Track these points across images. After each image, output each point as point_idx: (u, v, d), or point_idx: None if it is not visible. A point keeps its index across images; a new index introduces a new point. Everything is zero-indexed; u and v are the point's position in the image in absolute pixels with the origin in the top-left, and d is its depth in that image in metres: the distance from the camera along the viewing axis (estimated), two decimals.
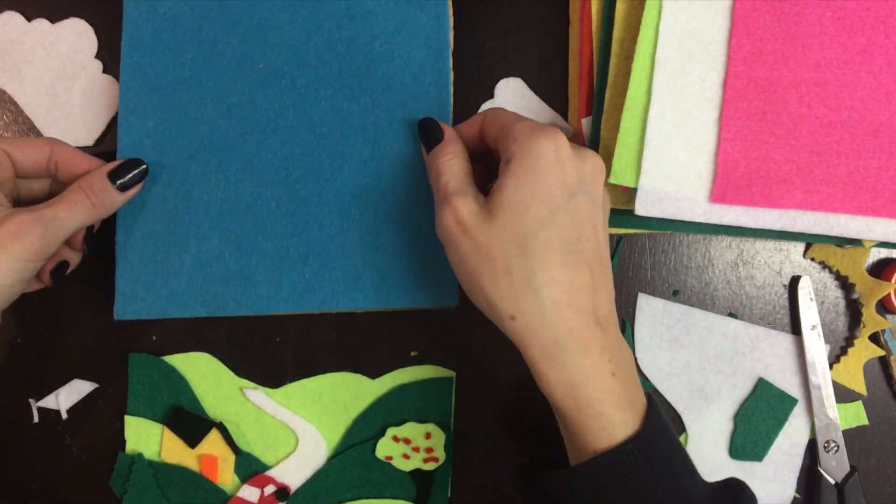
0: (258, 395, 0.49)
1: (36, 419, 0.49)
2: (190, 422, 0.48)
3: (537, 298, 0.37)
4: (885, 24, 0.43)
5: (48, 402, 0.49)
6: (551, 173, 0.38)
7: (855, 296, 0.49)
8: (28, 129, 0.48)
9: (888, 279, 0.47)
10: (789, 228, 0.44)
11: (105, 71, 0.48)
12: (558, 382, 0.37)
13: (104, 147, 0.48)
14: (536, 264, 0.37)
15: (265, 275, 0.46)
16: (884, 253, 0.49)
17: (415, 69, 0.47)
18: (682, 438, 0.49)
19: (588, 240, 0.38)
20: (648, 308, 0.49)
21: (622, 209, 0.45)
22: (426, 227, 0.46)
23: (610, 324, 0.39)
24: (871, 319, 0.48)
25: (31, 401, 0.49)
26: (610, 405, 0.37)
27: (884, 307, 0.49)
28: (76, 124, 0.48)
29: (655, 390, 0.49)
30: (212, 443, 0.49)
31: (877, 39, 0.43)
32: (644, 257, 0.49)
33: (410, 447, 0.49)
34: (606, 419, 0.37)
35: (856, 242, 0.46)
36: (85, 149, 0.48)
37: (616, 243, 0.49)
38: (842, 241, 0.46)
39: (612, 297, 0.40)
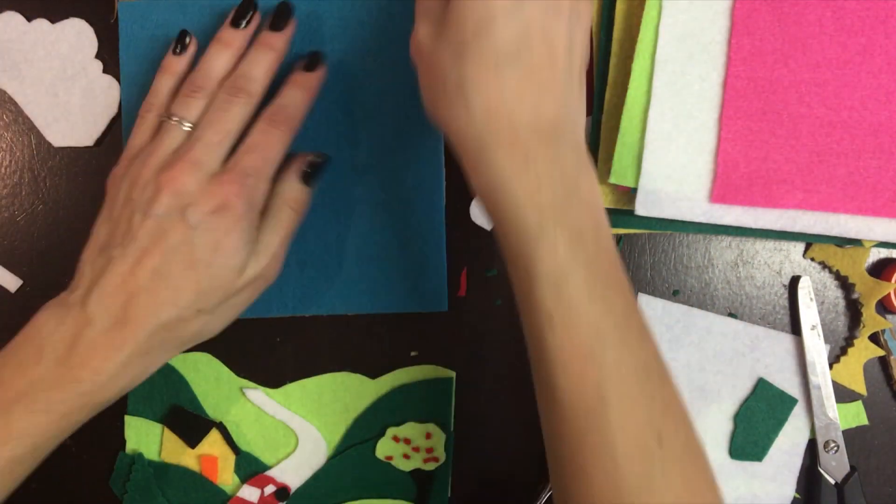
0: (258, 395, 0.49)
1: None
2: (190, 422, 0.48)
3: (467, 108, 0.35)
4: (885, 24, 0.43)
5: None
6: None
7: (855, 296, 0.49)
8: (28, 129, 0.48)
9: (888, 279, 0.47)
10: (789, 228, 0.44)
11: (105, 71, 0.48)
12: (480, 186, 0.36)
13: (104, 147, 0.48)
14: (467, 72, 0.35)
15: None
16: (884, 253, 0.49)
17: (410, 84, 0.47)
18: None
19: (536, 47, 0.35)
20: (648, 308, 0.49)
21: (622, 209, 0.45)
22: (416, 238, 0.47)
23: (554, 133, 0.36)
24: (871, 319, 0.48)
25: None
26: (532, 216, 0.34)
27: (884, 307, 0.49)
28: (76, 124, 0.48)
29: None
30: (212, 443, 0.49)
31: (877, 39, 0.43)
32: (644, 257, 0.49)
33: (410, 447, 0.49)
34: (525, 230, 0.34)
35: (856, 242, 0.46)
36: (85, 149, 0.48)
37: (616, 243, 0.49)
38: (842, 241, 0.46)
39: (563, 104, 0.36)
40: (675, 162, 0.44)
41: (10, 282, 0.48)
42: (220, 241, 0.39)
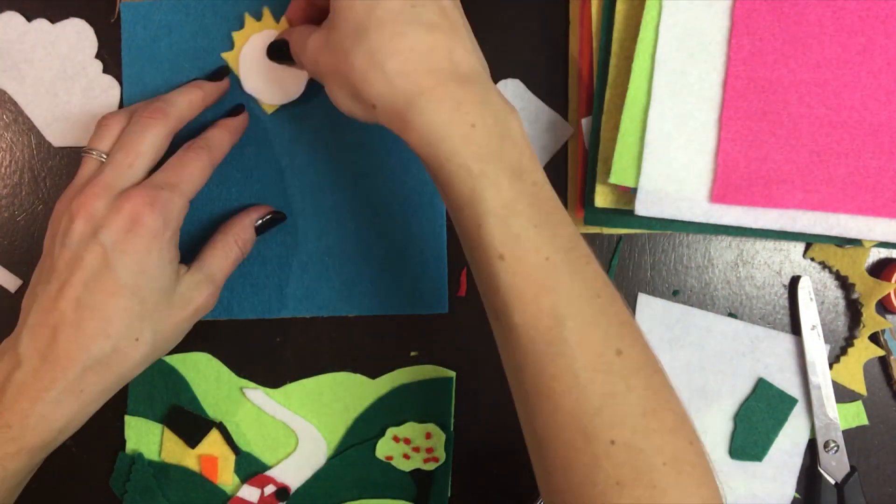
0: (258, 395, 0.49)
1: None
2: (190, 422, 0.48)
3: (384, 76, 0.35)
4: (885, 24, 0.43)
5: None
6: None
7: (855, 296, 0.49)
8: (28, 129, 0.48)
9: (888, 279, 0.47)
10: (789, 228, 0.44)
11: (105, 71, 0.48)
12: (419, 145, 0.35)
13: None
14: (373, 45, 0.35)
15: (267, 281, 0.48)
16: (884, 253, 0.49)
17: None
18: None
19: (428, 5, 0.36)
20: (648, 308, 0.49)
21: (622, 209, 0.45)
22: (417, 240, 0.47)
23: (475, 79, 0.36)
24: (871, 319, 0.48)
25: None
26: (471, 158, 0.35)
27: (884, 307, 0.49)
28: (76, 124, 0.48)
29: None
30: (212, 443, 0.49)
31: (877, 39, 0.43)
32: (644, 257, 0.49)
33: (410, 447, 0.49)
34: (466, 172, 0.35)
35: (856, 242, 0.46)
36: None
37: (616, 243, 0.49)
38: (842, 241, 0.46)
39: (473, 52, 0.37)
40: (675, 162, 0.44)
41: (10, 282, 0.48)
42: (142, 263, 0.38)
